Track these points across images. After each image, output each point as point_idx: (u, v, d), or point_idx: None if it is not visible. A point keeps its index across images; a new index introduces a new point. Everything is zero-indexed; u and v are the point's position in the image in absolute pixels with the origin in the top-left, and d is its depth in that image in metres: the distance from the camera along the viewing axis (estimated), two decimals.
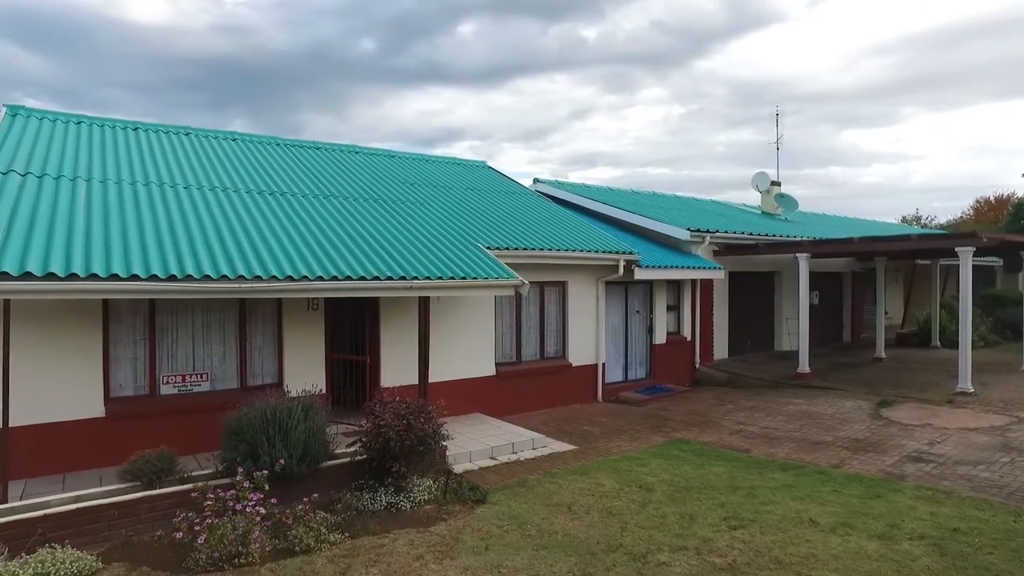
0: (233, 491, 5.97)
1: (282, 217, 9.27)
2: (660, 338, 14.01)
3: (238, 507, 5.75)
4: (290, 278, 7.46)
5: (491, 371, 11.20)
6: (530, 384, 11.66)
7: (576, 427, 10.49)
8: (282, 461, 6.63)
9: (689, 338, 14.59)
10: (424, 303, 8.71)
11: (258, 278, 7.21)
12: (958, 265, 11.44)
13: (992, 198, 42.73)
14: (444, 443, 7.95)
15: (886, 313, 22.71)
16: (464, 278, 8.70)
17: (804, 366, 13.12)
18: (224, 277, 7.06)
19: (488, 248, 10.27)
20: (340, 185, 11.60)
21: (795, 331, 17.20)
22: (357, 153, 14.38)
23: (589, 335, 12.63)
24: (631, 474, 7.82)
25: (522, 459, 8.72)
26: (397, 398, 7.45)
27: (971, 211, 43.28)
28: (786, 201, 21.29)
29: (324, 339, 9.57)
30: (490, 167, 16.80)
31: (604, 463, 8.35)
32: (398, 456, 6.97)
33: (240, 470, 6.38)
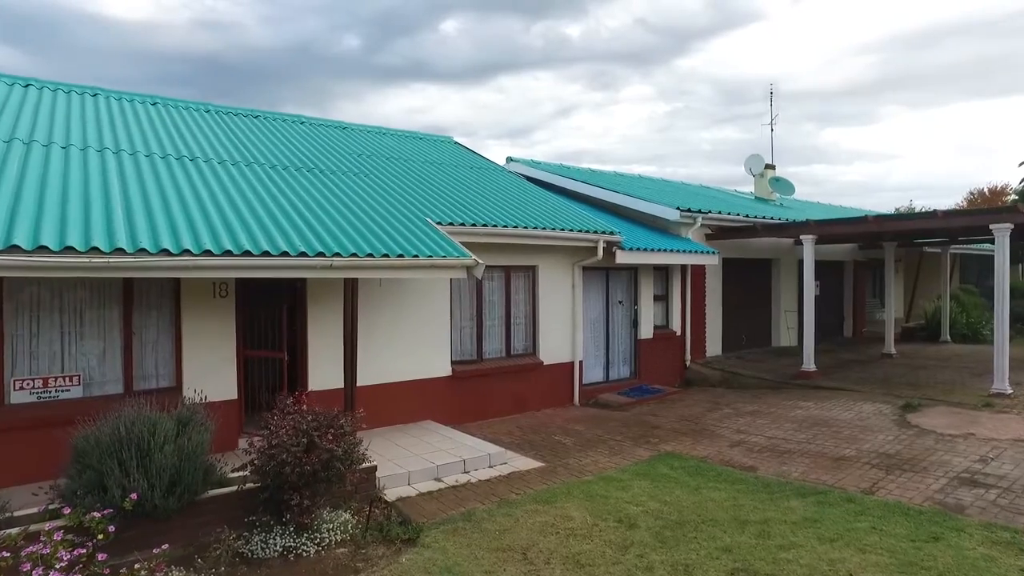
0: (42, 542, 4.23)
1: (182, 183, 7.51)
2: (646, 332, 12.35)
3: (35, 574, 3.99)
4: (166, 252, 5.72)
5: (446, 371, 9.48)
6: (493, 386, 9.96)
7: (546, 437, 8.81)
8: (135, 495, 4.89)
9: (679, 332, 12.95)
10: (351, 287, 6.98)
11: (120, 251, 5.46)
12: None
13: (986, 189, 41.56)
14: (365, 464, 6.28)
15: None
16: (401, 256, 6.98)
17: (809, 363, 11.52)
18: (95, 250, 5.35)
19: (440, 224, 8.56)
20: (270, 153, 9.82)
21: (795, 324, 15.65)
22: (302, 123, 12.61)
23: (564, 329, 10.94)
24: (608, 502, 6.14)
25: (474, 480, 7.02)
26: (306, 406, 5.72)
27: (964, 203, 42.09)
28: (782, 185, 19.73)
29: (236, 332, 7.80)
30: (457, 143, 15.07)
31: (575, 486, 6.67)
32: (297, 485, 5.25)
33: (67, 511, 4.66)
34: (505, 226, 9.34)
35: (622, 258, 10.77)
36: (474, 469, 7.37)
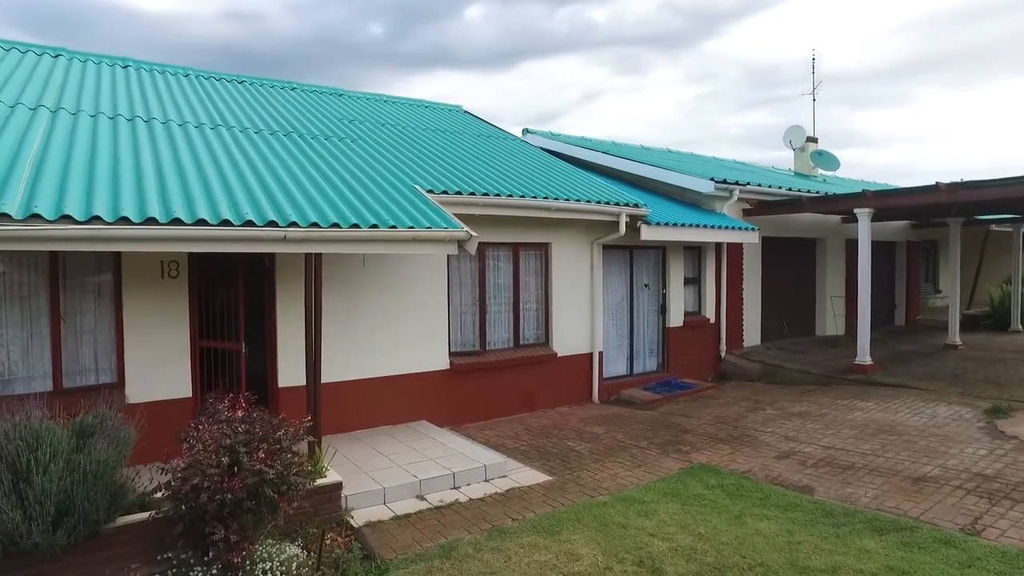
0: None
1: (123, 145, 6.36)
2: (676, 319, 10.95)
3: None
4: (68, 219, 4.56)
5: (443, 364, 8.23)
6: (498, 381, 8.69)
7: (557, 442, 7.52)
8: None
9: (713, 319, 11.51)
10: (314, 264, 5.75)
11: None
12: None
13: None
14: (326, 480, 5.10)
15: (939, 292, 19.45)
16: (376, 227, 5.72)
17: (864, 356, 10.00)
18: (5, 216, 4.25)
19: (431, 193, 7.27)
20: (244, 116, 8.64)
21: (842, 311, 14.10)
22: (293, 89, 11.42)
23: (581, 315, 9.61)
24: (627, 534, 4.84)
25: (464, 500, 5.77)
26: (241, 412, 4.51)
27: None
28: (825, 159, 17.99)
29: (190, 319, 6.65)
30: (467, 112, 13.75)
31: (587, 510, 5.37)
32: (221, 515, 4.05)
33: None
34: (510, 196, 8.01)
35: (648, 234, 9.37)
36: (466, 484, 6.12)
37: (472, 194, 7.64)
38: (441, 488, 5.98)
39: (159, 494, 4.59)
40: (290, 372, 7.07)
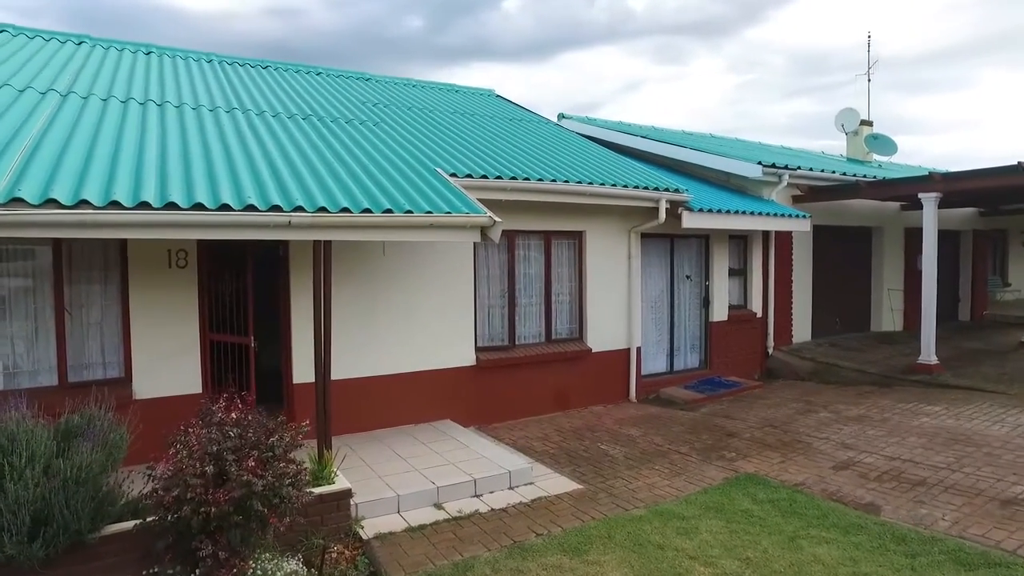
0: None
1: (130, 128, 6.06)
2: (720, 313, 10.26)
3: None
4: (54, 203, 4.22)
5: (469, 359, 7.76)
6: (528, 378, 8.17)
7: (590, 445, 6.98)
8: None
9: (760, 313, 10.77)
10: (323, 252, 5.32)
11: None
12: None
13: None
14: (334, 487, 4.69)
15: (1008, 285, 18.14)
16: (390, 212, 5.25)
17: (928, 355, 9.15)
18: None
19: (454, 176, 6.78)
20: (262, 100, 8.30)
21: (900, 306, 13.14)
22: (318, 74, 11.07)
23: (617, 309, 9.01)
24: (664, 556, 4.29)
25: (485, 510, 5.28)
26: (235, 414, 4.11)
27: None
28: (881, 144, 16.88)
29: (199, 311, 6.31)
30: (499, 96, 13.22)
31: (620, 525, 4.83)
32: (207, 530, 3.64)
33: None
34: (540, 179, 7.46)
35: (690, 222, 8.71)
36: (488, 491, 5.63)
37: (499, 178, 7.12)
38: (461, 496, 5.50)
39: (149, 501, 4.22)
40: (305, 368, 6.64)
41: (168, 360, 6.14)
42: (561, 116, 14.11)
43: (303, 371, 6.70)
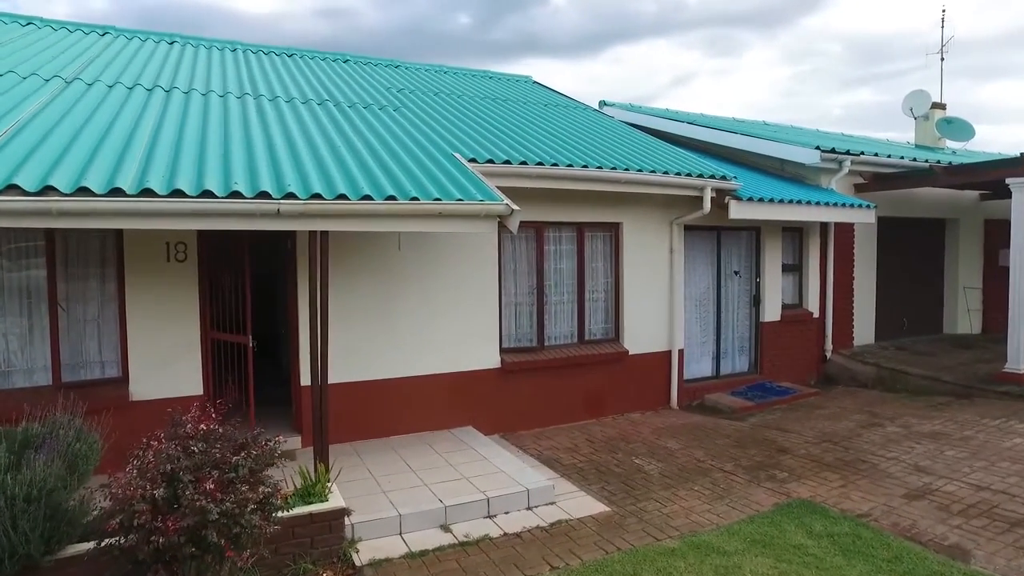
0: None
1: (127, 113, 5.72)
2: (772, 313, 9.39)
3: None
4: (16, 189, 3.84)
5: (493, 361, 7.17)
6: (558, 382, 7.53)
7: (623, 459, 6.31)
8: None
9: (816, 313, 9.84)
10: (319, 244, 4.82)
11: None
12: None
13: None
14: (327, 506, 4.18)
15: None
16: (393, 199, 4.71)
17: (1018, 361, 8.06)
18: None
19: (473, 162, 6.19)
20: (278, 86, 7.91)
21: (978, 305, 11.92)
22: (345, 61, 10.68)
23: (658, 307, 8.27)
24: None
25: (496, 535, 4.69)
26: (205, 426, 3.63)
27: None
28: (956, 128, 15.46)
29: (200, 308, 5.91)
30: (536, 82, 12.58)
31: (648, 559, 4.17)
32: (164, 560, 3.16)
33: None
34: (569, 165, 6.80)
35: (738, 212, 7.90)
36: (503, 512, 5.04)
37: (523, 163, 6.50)
38: (472, 516, 4.92)
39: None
40: None
41: (167, 360, 5.76)
42: (603, 103, 13.37)
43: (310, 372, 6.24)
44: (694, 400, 8.52)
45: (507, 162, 6.41)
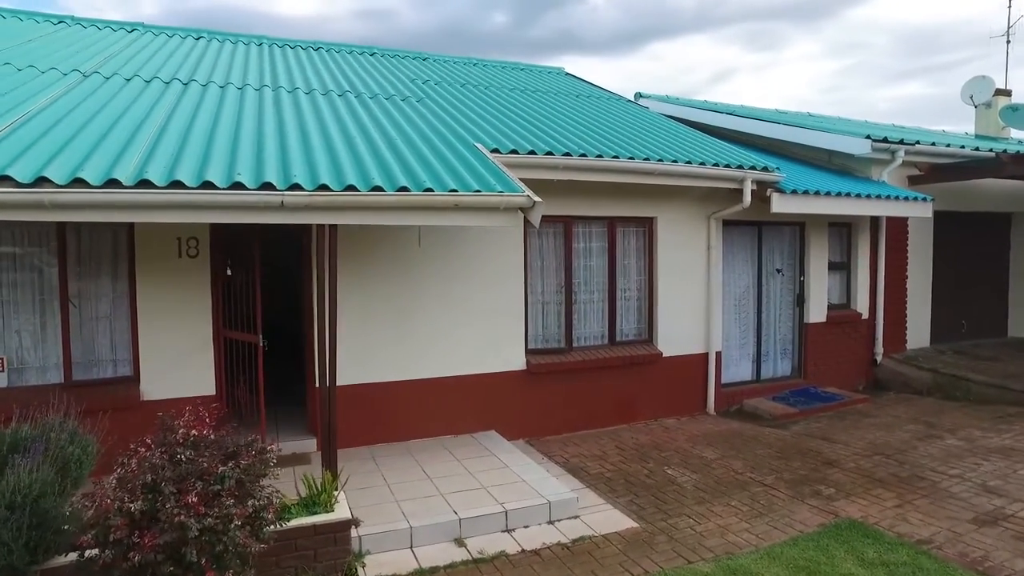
0: None
1: (141, 104, 5.58)
2: (817, 313, 8.82)
3: None
4: (8, 180, 3.67)
5: (519, 363, 6.84)
6: (588, 386, 7.15)
7: (655, 469, 5.90)
8: None
9: (866, 314, 9.21)
10: (328, 238, 4.55)
11: None
12: None
13: None
14: (332, 517, 3.91)
15: None
16: (405, 190, 4.42)
17: None
18: None
19: (497, 152, 5.86)
20: (300, 78, 7.72)
21: None
22: (372, 54, 10.49)
23: (694, 307, 7.81)
24: None
25: (513, 551, 4.35)
26: (195, 431, 3.39)
27: None
28: (1021, 116, 14.48)
29: (212, 306, 5.73)
30: (570, 74, 12.20)
31: None
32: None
33: None
34: (599, 156, 6.41)
35: (781, 206, 7.39)
36: (522, 526, 4.70)
37: (549, 154, 6.13)
38: (488, 530, 4.60)
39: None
40: None
41: (179, 358, 5.59)
42: (638, 95, 12.88)
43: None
44: (732, 405, 8.04)
45: (532, 152, 6.06)
